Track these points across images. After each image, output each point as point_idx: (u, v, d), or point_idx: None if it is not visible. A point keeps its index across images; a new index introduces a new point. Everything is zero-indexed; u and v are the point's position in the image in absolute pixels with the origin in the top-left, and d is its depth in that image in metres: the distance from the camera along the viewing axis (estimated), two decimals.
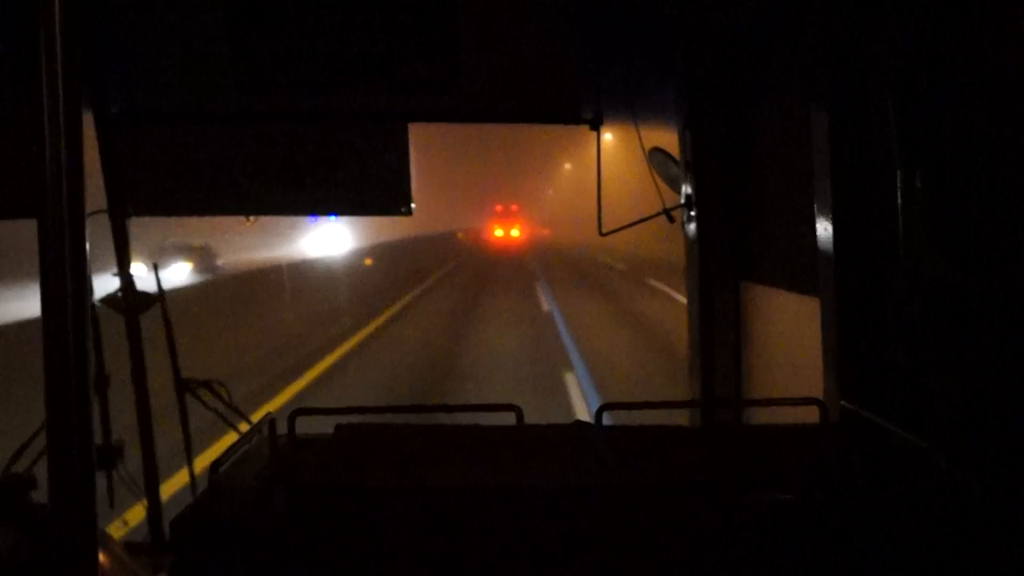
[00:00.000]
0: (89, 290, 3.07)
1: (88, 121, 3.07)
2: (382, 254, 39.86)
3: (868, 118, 2.21)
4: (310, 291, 23.77)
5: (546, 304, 22.82)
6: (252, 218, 3.45)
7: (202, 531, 1.66)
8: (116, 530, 3.65)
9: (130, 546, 2.63)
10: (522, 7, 2.89)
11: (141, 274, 3.39)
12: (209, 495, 1.72)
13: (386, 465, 1.87)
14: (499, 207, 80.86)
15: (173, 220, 3.47)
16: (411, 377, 12.55)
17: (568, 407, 10.45)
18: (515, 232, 74.63)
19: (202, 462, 2.59)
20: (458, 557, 1.66)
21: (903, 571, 1.67)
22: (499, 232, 74.57)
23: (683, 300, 2.85)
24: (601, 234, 3.20)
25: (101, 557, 2.31)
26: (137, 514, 3.48)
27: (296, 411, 2.01)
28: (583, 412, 9.90)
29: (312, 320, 18.72)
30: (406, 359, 14.16)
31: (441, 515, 1.69)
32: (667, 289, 23.43)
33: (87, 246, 1.23)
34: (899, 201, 2.09)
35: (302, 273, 27.77)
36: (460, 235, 57.43)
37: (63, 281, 1.18)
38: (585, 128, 3.03)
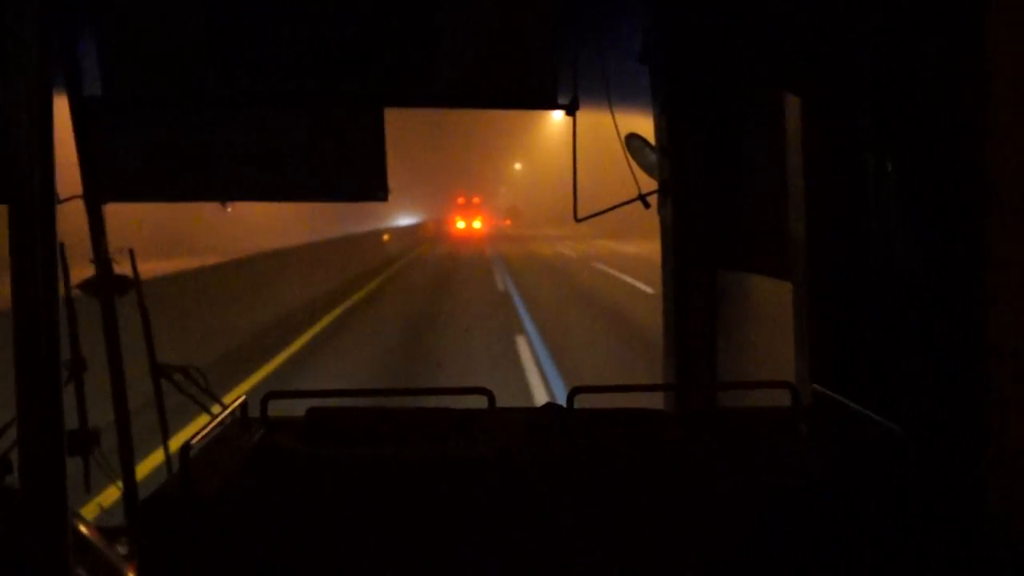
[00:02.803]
0: (62, 276, 3.05)
1: (63, 105, 3.05)
2: None
3: (840, 105, 2.23)
4: None
5: None
6: (229, 205, 3.45)
7: (173, 512, 1.67)
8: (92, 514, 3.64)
9: (105, 530, 2.63)
10: None
11: None
12: (180, 476, 1.72)
13: (357, 447, 1.88)
14: (461, 199, 79.40)
15: None
16: None
17: None
18: (477, 224, 74.00)
19: None
20: (427, 540, 1.67)
21: (872, 553, 1.70)
22: (461, 224, 73.78)
23: None
24: (577, 220, 3.22)
25: (75, 540, 2.31)
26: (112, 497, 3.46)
27: (268, 394, 2.02)
28: None
29: None
30: None
31: (411, 498, 1.70)
32: None
33: (58, 232, 1.24)
34: (870, 187, 2.11)
35: None
36: (387, 236, 36.84)
37: (34, 267, 1.19)
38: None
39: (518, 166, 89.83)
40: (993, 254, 1.78)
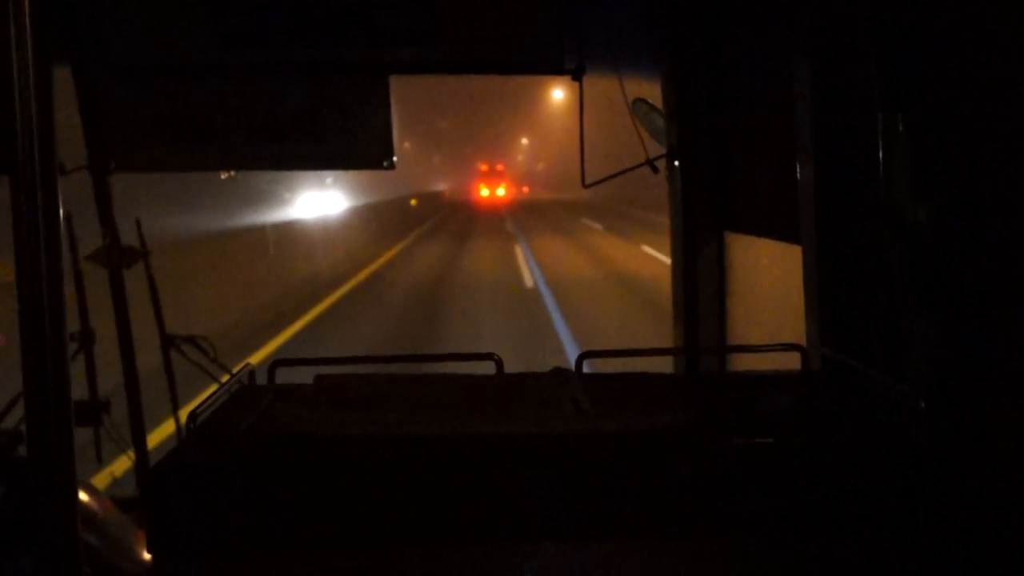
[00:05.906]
0: (68, 247, 3.03)
1: (67, 75, 3.04)
2: None
3: (849, 64, 2.20)
4: None
5: None
6: (235, 174, 3.45)
7: (179, 480, 1.66)
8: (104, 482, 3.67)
9: (116, 500, 2.64)
10: None
11: None
12: (187, 444, 1.72)
13: (365, 415, 1.88)
14: (484, 166, 77.35)
15: None
16: None
17: None
18: (501, 191, 72.34)
19: None
20: (436, 505, 1.67)
21: (882, 515, 1.69)
22: (485, 192, 72.11)
23: None
24: (584, 185, 3.20)
25: (86, 510, 2.32)
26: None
27: (276, 362, 2.02)
28: None
29: None
30: None
31: (419, 464, 1.70)
32: None
33: (60, 201, 1.23)
34: (880, 147, 2.09)
35: None
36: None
37: (37, 237, 1.18)
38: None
39: (558, 93, 68.20)
40: (1005, 215, 1.76)
